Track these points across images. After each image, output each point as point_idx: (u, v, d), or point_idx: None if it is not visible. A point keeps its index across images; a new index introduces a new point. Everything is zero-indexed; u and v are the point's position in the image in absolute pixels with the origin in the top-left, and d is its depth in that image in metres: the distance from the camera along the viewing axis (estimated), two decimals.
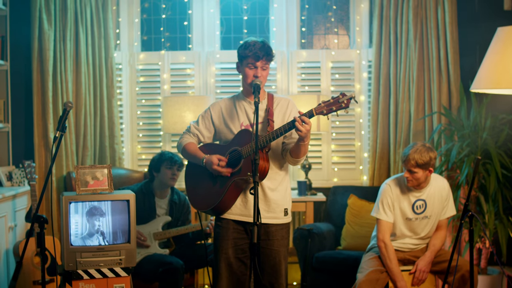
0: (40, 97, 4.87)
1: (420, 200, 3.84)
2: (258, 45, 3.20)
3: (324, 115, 3.02)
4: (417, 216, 3.85)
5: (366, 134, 5.26)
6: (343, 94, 2.99)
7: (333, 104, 3.00)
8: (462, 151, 4.53)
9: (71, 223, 3.23)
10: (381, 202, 3.84)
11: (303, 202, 4.81)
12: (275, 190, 3.28)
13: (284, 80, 5.24)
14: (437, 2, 4.93)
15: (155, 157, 4.44)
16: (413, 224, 3.86)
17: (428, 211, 3.85)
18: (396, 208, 3.83)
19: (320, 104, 3.02)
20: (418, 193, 3.85)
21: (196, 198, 3.37)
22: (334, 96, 3.00)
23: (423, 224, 3.87)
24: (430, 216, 3.85)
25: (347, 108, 2.99)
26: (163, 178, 4.37)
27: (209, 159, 3.21)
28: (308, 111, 3.03)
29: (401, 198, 3.84)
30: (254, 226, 2.75)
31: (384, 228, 3.81)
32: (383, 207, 3.83)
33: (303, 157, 3.20)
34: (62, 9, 4.84)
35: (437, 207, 3.87)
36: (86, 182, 3.24)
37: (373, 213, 3.88)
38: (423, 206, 3.84)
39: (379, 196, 3.87)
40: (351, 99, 2.96)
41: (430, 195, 3.85)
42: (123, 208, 3.31)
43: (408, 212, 3.83)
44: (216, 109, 3.39)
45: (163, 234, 4.33)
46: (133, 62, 5.20)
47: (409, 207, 3.84)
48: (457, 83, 4.92)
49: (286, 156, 3.25)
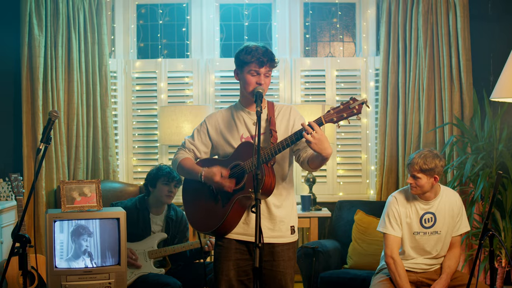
0: (30, 106, 4.78)
1: (429, 214, 3.69)
2: (261, 50, 3.04)
3: (334, 123, 2.84)
4: (425, 230, 3.69)
5: (373, 146, 5.18)
6: (354, 99, 2.82)
7: (343, 111, 2.82)
8: (477, 165, 4.40)
9: (55, 243, 3.04)
10: (387, 215, 3.71)
11: (307, 218, 4.71)
12: (281, 207, 3.13)
13: (287, 89, 5.17)
14: (448, 7, 4.85)
15: (152, 171, 4.34)
16: (421, 240, 3.70)
17: (438, 226, 3.69)
18: (404, 222, 3.70)
19: (329, 111, 2.84)
20: (426, 205, 3.70)
21: (195, 219, 3.20)
22: (344, 102, 2.83)
23: (432, 241, 3.70)
24: (441, 232, 3.70)
25: (359, 114, 2.81)
26: (159, 195, 4.25)
27: (209, 172, 3.02)
28: (317, 119, 2.84)
29: (408, 211, 3.71)
30: (256, 248, 2.57)
31: (391, 243, 3.67)
32: (389, 220, 3.69)
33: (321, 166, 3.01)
34: (54, 14, 4.78)
35: (448, 222, 3.71)
36: (73, 198, 3.06)
37: (379, 228, 3.75)
38: (432, 220, 3.69)
39: (385, 209, 3.75)
40: (363, 104, 2.79)
41: (440, 209, 3.70)
42: (113, 227, 3.14)
43: (416, 226, 3.68)
44: (213, 121, 3.22)
45: (159, 252, 4.18)
46: (128, 70, 5.15)
47: (416, 220, 3.69)
48: (470, 92, 4.82)
49: (303, 165, 3.04)
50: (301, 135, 2.82)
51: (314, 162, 2.94)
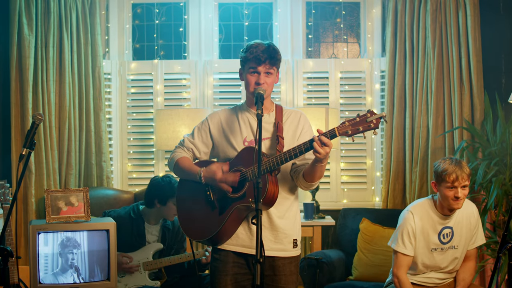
0: (19, 109, 4.70)
1: (447, 228, 3.51)
2: (262, 47, 2.90)
3: (349, 136, 2.70)
4: (443, 246, 3.51)
5: (378, 151, 5.08)
6: (371, 112, 2.67)
7: (359, 124, 2.67)
8: (490, 171, 4.24)
9: (39, 257, 2.86)
10: (401, 232, 3.50)
11: (310, 226, 4.62)
12: (283, 218, 2.97)
13: (289, 92, 5.09)
14: (458, 5, 4.75)
15: (164, 185, 4.02)
16: (439, 256, 3.51)
17: (455, 240, 3.52)
18: (420, 239, 3.49)
19: (344, 122, 2.71)
20: (445, 219, 3.50)
21: (189, 226, 3.04)
22: (361, 114, 2.69)
23: (449, 256, 3.52)
24: (458, 247, 3.52)
25: (376, 129, 2.66)
26: (166, 213, 4.05)
27: (208, 171, 2.89)
28: (330, 131, 2.70)
29: (426, 227, 3.50)
30: (256, 264, 2.40)
31: (400, 262, 3.48)
32: (402, 238, 3.48)
33: (318, 181, 2.89)
34: (45, 13, 4.72)
35: (465, 236, 3.54)
36: (58, 208, 2.89)
37: (391, 244, 3.56)
38: (450, 235, 3.51)
39: (400, 225, 3.54)
40: (381, 118, 2.64)
41: (458, 222, 3.51)
42: (102, 239, 2.98)
43: (434, 242, 3.50)
44: (215, 120, 3.07)
45: (154, 264, 4.05)
46: (123, 71, 5.09)
47: (435, 236, 3.50)
48: (480, 94, 4.71)
49: (298, 179, 2.93)
50: (311, 146, 2.69)
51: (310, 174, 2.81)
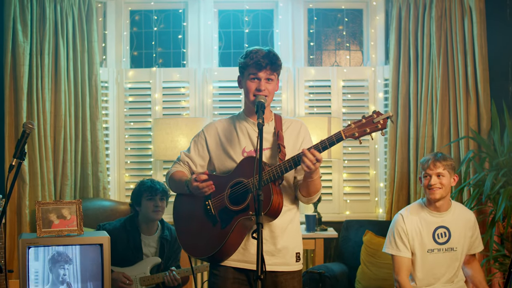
0: (13, 118, 4.65)
1: (442, 228, 3.52)
2: (262, 53, 2.85)
3: (356, 138, 2.66)
4: (439, 246, 3.51)
5: (382, 161, 5.03)
6: (378, 112, 2.65)
7: (366, 125, 2.64)
8: (497, 182, 4.17)
9: (29, 272, 2.75)
10: (392, 235, 3.58)
11: (312, 239, 4.58)
12: (286, 230, 2.90)
13: (290, 101, 5.05)
14: (464, 12, 4.69)
15: (135, 188, 4.16)
16: (436, 259, 3.50)
17: (453, 242, 3.52)
18: (414, 240, 3.52)
19: (349, 125, 2.67)
20: (438, 218, 3.52)
21: (190, 243, 2.94)
22: (367, 116, 2.65)
23: (449, 259, 3.51)
24: (457, 249, 3.53)
25: (383, 130, 2.64)
26: (146, 212, 4.06)
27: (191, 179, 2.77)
28: (336, 134, 2.67)
29: (418, 227, 3.53)
30: (257, 281, 2.33)
31: (398, 265, 3.51)
32: (394, 240, 3.55)
33: (316, 195, 2.85)
34: (40, 19, 4.66)
35: (464, 240, 3.56)
36: (50, 221, 2.79)
37: (385, 249, 3.61)
38: (446, 235, 3.52)
39: (390, 228, 3.63)
40: (388, 118, 2.61)
41: (453, 223, 3.54)
42: (95, 254, 2.88)
43: (429, 242, 3.52)
44: (212, 131, 3.00)
45: (151, 279, 3.94)
46: (121, 80, 5.05)
47: (429, 236, 3.52)
48: (487, 103, 4.64)
49: (297, 193, 2.90)
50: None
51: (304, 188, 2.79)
